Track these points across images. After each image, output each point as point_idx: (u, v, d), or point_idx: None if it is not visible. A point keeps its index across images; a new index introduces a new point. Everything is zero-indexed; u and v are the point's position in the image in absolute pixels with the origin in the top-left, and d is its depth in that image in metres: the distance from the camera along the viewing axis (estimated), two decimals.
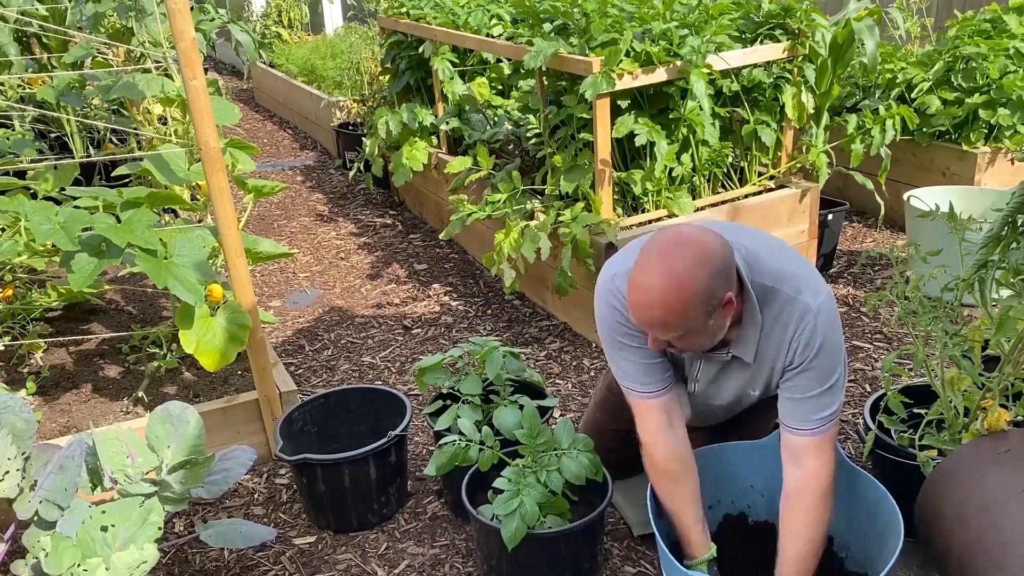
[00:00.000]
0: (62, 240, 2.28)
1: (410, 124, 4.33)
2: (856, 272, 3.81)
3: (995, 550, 1.69)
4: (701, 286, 1.58)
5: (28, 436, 1.96)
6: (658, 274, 1.59)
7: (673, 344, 1.71)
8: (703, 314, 1.62)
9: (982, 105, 3.88)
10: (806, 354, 1.71)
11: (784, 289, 1.72)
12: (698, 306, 1.60)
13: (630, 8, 3.26)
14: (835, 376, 1.74)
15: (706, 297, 1.60)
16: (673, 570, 1.72)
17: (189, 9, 2.15)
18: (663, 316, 1.62)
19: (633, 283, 1.64)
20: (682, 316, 1.61)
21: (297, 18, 9.12)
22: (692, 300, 1.59)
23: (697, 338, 1.70)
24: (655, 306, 1.61)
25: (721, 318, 1.67)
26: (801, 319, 1.70)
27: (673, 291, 1.58)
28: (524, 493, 1.94)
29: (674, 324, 1.63)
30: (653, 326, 1.66)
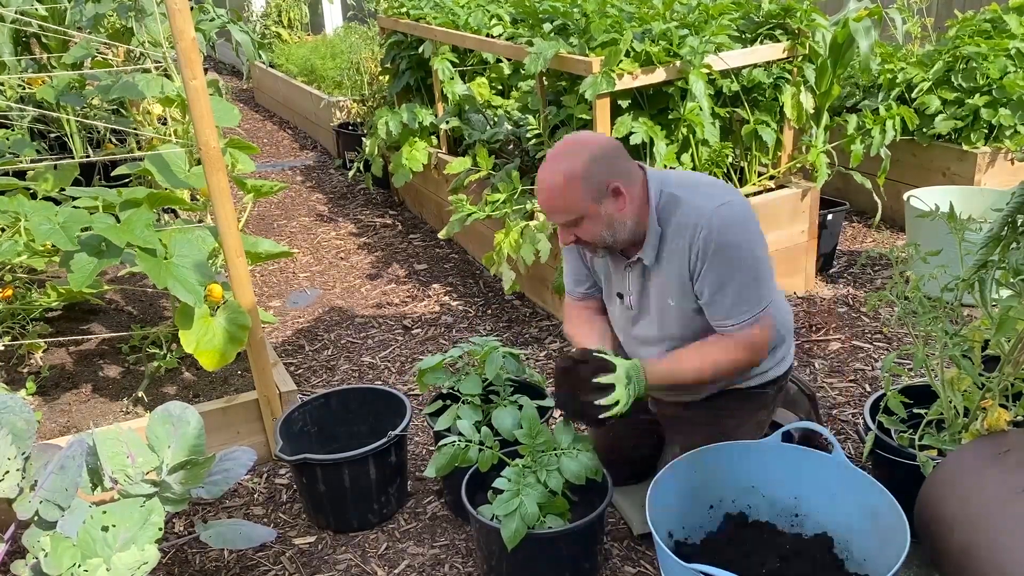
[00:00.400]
0: (62, 240, 2.28)
1: (410, 124, 4.33)
2: (856, 272, 3.81)
3: (995, 551, 1.69)
4: (579, 168, 1.84)
5: (28, 436, 1.96)
6: (547, 167, 1.89)
7: (579, 238, 1.93)
8: (588, 198, 1.86)
9: (984, 105, 3.88)
10: (705, 254, 1.87)
11: (685, 195, 1.92)
12: (578, 187, 1.84)
13: (630, 8, 3.26)
14: (740, 276, 1.87)
15: (585, 178, 1.84)
16: (673, 568, 1.72)
17: (189, 9, 2.15)
18: (550, 199, 1.89)
19: (536, 179, 1.92)
20: (567, 198, 1.86)
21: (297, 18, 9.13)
22: (572, 180, 1.84)
23: (595, 227, 1.90)
24: (546, 192, 1.89)
25: (613, 207, 1.88)
26: (697, 221, 1.88)
27: (555, 175, 1.86)
28: (524, 493, 1.94)
29: (562, 207, 1.88)
30: (550, 212, 1.92)
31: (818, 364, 3.08)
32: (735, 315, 1.91)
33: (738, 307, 1.90)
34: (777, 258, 3.47)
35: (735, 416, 2.15)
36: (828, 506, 1.98)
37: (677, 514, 1.99)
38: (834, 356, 3.13)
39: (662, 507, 1.89)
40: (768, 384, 2.15)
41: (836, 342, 3.22)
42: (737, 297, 1.89)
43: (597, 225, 1.91)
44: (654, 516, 1.81)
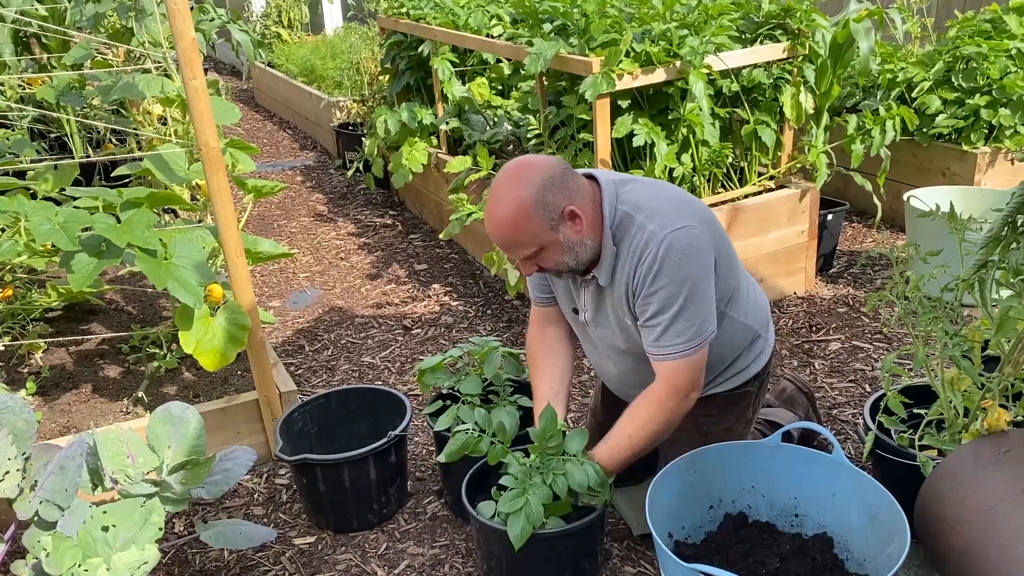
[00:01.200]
0: (62, 240, 2.28)
1: (410, 124, 4.33)
2: (856, 272, 3.81)
3: (995, 551, 1.70)
4: (531, 198, 1.75)
5: (28, 436, 1.96)
6: (494, 202, 1.79)
7: (541, 265, 1.87)
8: (545, 227, 1.78)
9: (984, 105, 3.88)
10: (647, 279, 1.82)
11: (639, 217, 1.85)
12: (534, 218, 1.76)
13: (630, 8, 3.26)
14: (676, 306, 1.81)
15: (539, 208, 1.76)
16: (673, 568, 1.72)
17: (189, 9, 2.15)
18: (506, 235, 1.80)
19: (484, 216, 1.85)
20: (522, 231, 1.78)
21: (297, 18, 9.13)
22: (525, 213, 1.75)
23: (555, 254, 1.83)
24: (498, 229, 1.80)
25: (571, 232, 1.81)
26: (646, 245, 1.82)
27: (507, 210, 1.77)
28: (531, 492, 1.93)
29: (520, 241, 1.80)
30: (506, 247, 1.84)
31: (818, 364, 3.08)
32: (664, 345, 1.86)
33: (668, 338, 1.85)
34: (777, 258, 3.49)
35: (722, 421, 2.15)
36: (828, 506, 1.98)
37: (677, 514, 1.99)
38: (834, 356, 3.13)
39: (662, 507, 1.89)
40: (749, 382, 2.14)
41: (836, 342, 3.22)
42: (669, 327, 1.83)
43: (558, 252, 1.84)
44: (654, 516, 1.81)
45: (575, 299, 2.06)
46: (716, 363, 2.06)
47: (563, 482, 1.95)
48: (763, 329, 2.15)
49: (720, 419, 2.15)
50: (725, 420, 2.15)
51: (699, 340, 1.86)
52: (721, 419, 2.15)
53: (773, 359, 2.23)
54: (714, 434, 2.11)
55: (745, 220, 3.33)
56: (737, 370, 2.12)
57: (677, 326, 1.83)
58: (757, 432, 2.35)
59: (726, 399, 2.14)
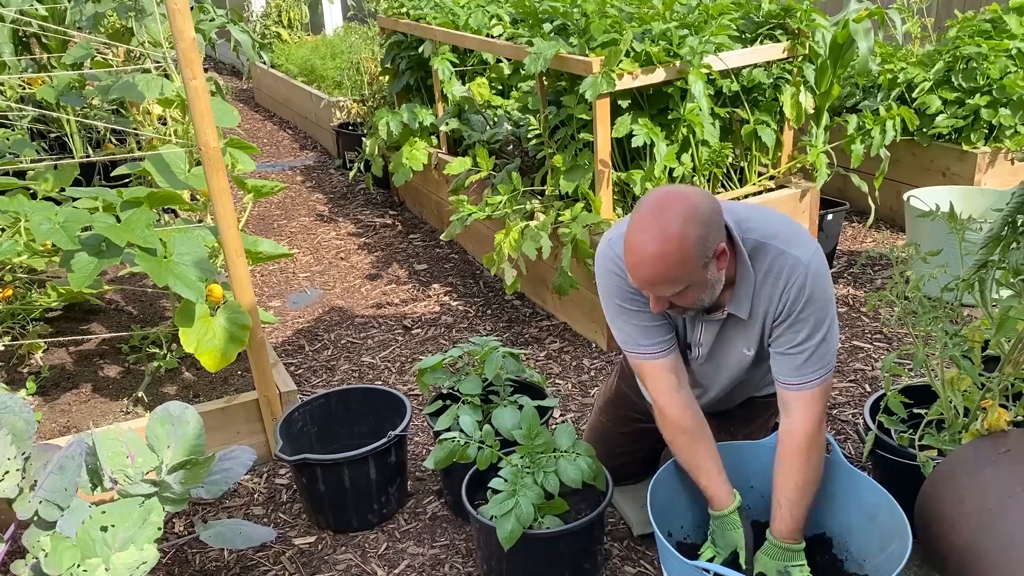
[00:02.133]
0: (62, 240, 2.28)
1: (410, 124, 4.33)
2: (856, 272, 3.81)
3: (994, 550, 1.69)
4: (694, 237, 1.62)
5: (28, 436, 1.96)
6: (652, 232, 1.63)
7: (675, 303, 1.74)
8: (699, 266, 1.66)
9: (984, 105, 3.88)
10: (795, 306, 1.74)
11: (774, 243, 1.76)
12: (694, 257, 1.64)
13: (630, 8, 3.26)
14: (823, 330, 1.76)
15: (700, 247, 1.64)
16: (675, 566, 1.72)
17: (189, 9, 2.15)
18: (662, 272, 1.65)
19: (629, 246, 1.67)
20: (679, 269, 1.64)
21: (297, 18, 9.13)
22: (687, 251, 1.62)
23: (697, 292, 1.72)
24: (653, 264, 1.64)
25: (716, 270, 1.71)
26: (792, 271, 1.73)
27: (668, 245, 1.62)
28: (520, 494, 1.94)
29: (672, 278, 1.66)
30: (654, 284, 1.69)
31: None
32: (805, 372, 1.78)
33: (811, 364, 1.77)
34: None
35: (748, 424, 2.15)
36: (828, 506, 1.97)
37: (677, 514, 1.99)
38: None
39: (662, 506, 1.89)
40: None
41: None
42: (817, 350, 1.77)
43: (700, 291, 1.72)
44: (655, 515, 1.81)
45: (689, 336, 1.95)
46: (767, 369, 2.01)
47: (554, 480, 1.95)
48: None
49: (747, 422, 2.14)
50: (751, 424, 2.15)
51: (834, 363, 1.81)
52: (749, 422, 2.14)
53: None
54: (736, 435, 2.11)
55: None
56: None
57: (822, 350, 1.77)
58: None
59: (759, 404, 2.14)
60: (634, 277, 1.70)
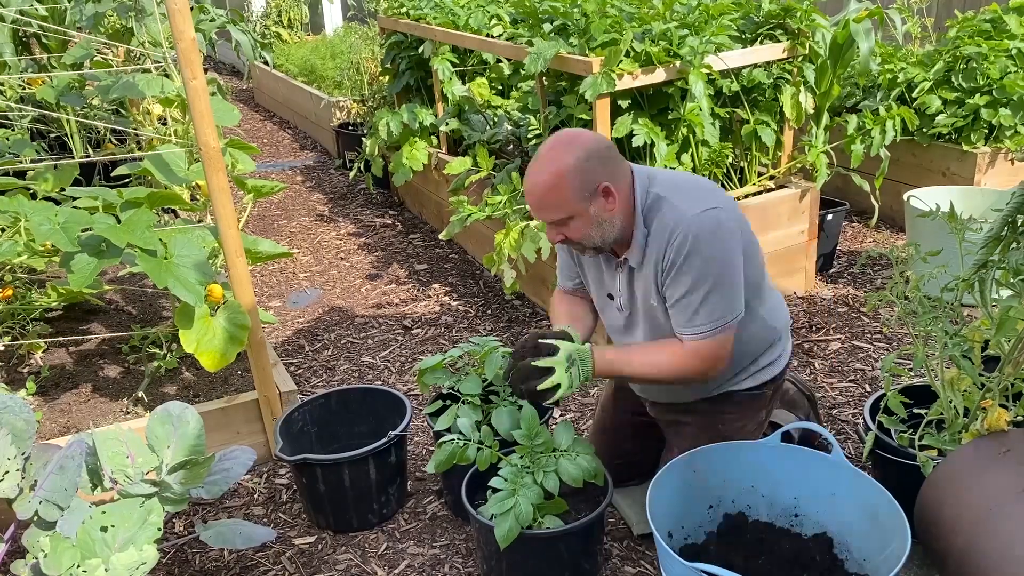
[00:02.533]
0: (62, 240, 2.28)
1: (410, 124, 4.33)
2: (856, 272, 3.81)
3: (995, 550, 1.69)
4: (570, 166, 1.80)
5: (28, 436, 1.96)
6: (536, 164, 1.85)
7: (568, 236, 1.90)
8: (578, 197, 1.83)
9: (984, 105, 3.88)
10: (677, 259, 1.84)
11: (670, 199, 1.89)
12: (569, 187, 1.81)
13: (630, 8, 3.26)
14: (706, 286, 1.84)
15: (576, 176, 1.81)
16: (674, 567, 1.72)
17: (189, 9, 2.15)
18: (540, 196, 1.85)
19: (525, 174, 1.89)
20: (556, 194, 1.82)
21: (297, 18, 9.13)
22: (562, 178, 1.81)
23: (582, 226, 1.87)
24: (533, 189, 1.85)
25: (603, 208, 1.85)
26: (677, 225, 1.84)
27: (546, 173, 1.82)
28: (520, 493, 1.94)
29: (551, 204, 1.84)
30: (538, 209, 1.88)
31: (818, 364, 3.08)
32: (693, 325, 1.88)
33: (698, 317, 1.86)
34: (777, 258, 3.49)
35: (734, 420, 2.15)
36: (828, 506, 1.98)
37: (677, 514, 1.99)
38: (834, 356, 3.13)
39: (662, 507, 1.89)
40: (765, 384, 2.14)
41: (836, 342, 3.22)
42: (699, 308, 1.85)
43: (586, 225, 1.87)
44: (654, 516, 1.81)
45: (609, 285, 2.08)
46: (740, 358, 2.06)
47: (554, 479, 1.95)
48: (783, 332, 2.16)
49: (737, 418, 2.15)
50: (740, 420, 2.15)
51: (728, 319, 1.88)
52: (738, 418, 2.15)
53: (789, 367, 2.23)
54: (726, 432, 2.11)
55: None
56: (758, 368, 2.12)
57: (708, 306, 1.85)
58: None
59: (744, 398, 2.14)
60: (528, 204, 1.91)
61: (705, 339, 1.88)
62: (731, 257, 1.86)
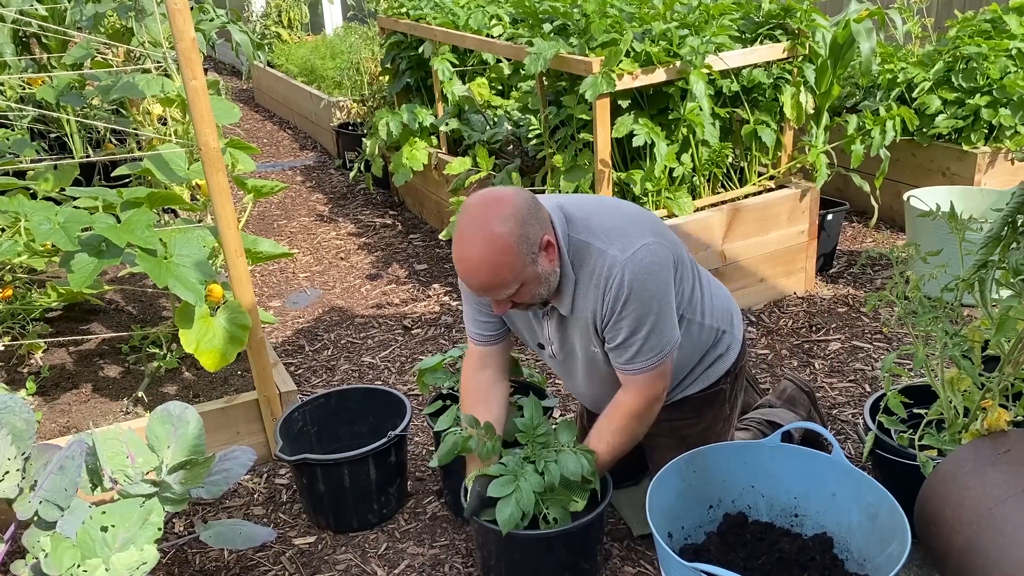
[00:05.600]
0: (62, 240, 2.28)
1: (410, 124, 4.33)
2: (856, 272, 3.81)
3: (994, 550, 1.70)
4: (516, 235, 1.70)
5: (28, 436, 1.96)
6: (475, 242, 1.71)
7: (516, 302, 1.82)
8: (528, 262, 1.73)
9: (985, 105, 3.88)
10: (616, 305, 1.80)
11: (596, 243, 1.81)
12: (520, 256, 1.70)
13: (630, 8, 3.26)
14: (647, 326, 1.82)
15: (523, 245, 1.71)
16: (674, 568, 1.72)
17: (189, 9, 2.15)
18: (492, 277, 1.72)
19: (457, 258, 1.75)
20: (509, 272, 1.71)
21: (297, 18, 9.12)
22: (512, 251, 1.69)
23: (533, 288, 1.78)
24: (481, 271, 1.72)
25: (548, 262, 1.77)
26: (609, 272, 1.79)
27: (489, 249, 1.69)
28: (521, 479, 1.93)
29: (504, 281, 1.73)
30: (489, 290, 1.77)
31: (818, 364, 3.08)
32: (637, 361, 1.87)
33: (640, 355, 1.86)
34: (777, 258, 3.49)
35: (699, 422, 2.14)
36: (828, 506, 1.98)
37: (677, 514, 1.99)
38: (834, 356, 3.13)
39: (662, 507, 1.89)
40: (720, 379, 2.13)
41: (836, 342, 3.22)
42: (642, 346, 1.84)
43: (535, 285, 1.78)
44: (654, 516, 1.81)
45: (539, 334, 2.04)
46: (681, 368, 2.06)
47: (555, 469, 1.95)
48: (727, 325, 2.12)
49: (696, 420, 2.14)
50: (701, 421, 2.14)
51: (667, 350, 1.88)
52: (697, 420, 2.14)
53: (746, 352, 2.21)
54: (692, 436, 2.11)
55: (745, 220, 3.33)
56: (704, 369, 2.10)
57: (649, 344, 1.85)
58: (757, 432, 2.35)
59: (699, 400, 2.13)
60: (470, 287, 1.78)
61: (646, 373, 1.89)
62: (665, 291, 1.84)
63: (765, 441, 2.03)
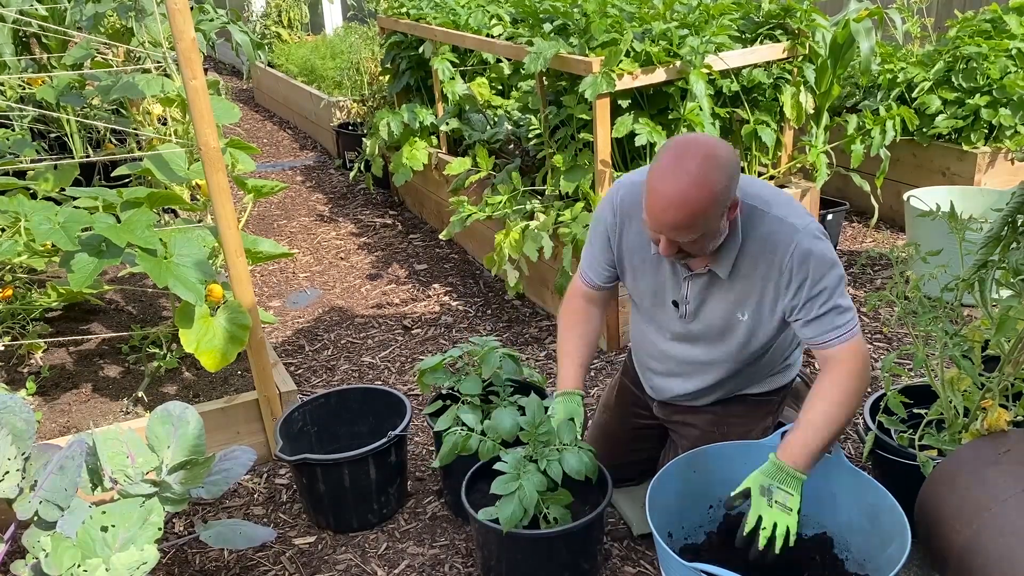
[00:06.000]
0: (62, 240, 2.28)
1: (410, 124, 4.33)
2: (856, 272, 3.81)
3: (994, 550, 1.70)
4: (722, 186, 1.64)
5: (28, 436, 1.96)
6: (677, 177, 1.63)
7: (684, 251, 1.75)
8: (719, 214, 1.67)
9: (984, 105, 3.88)
10: (815, 274, 1.76)
11: (772, 211, 1.79)
12: (717, 205, 1.65)
13: (630, 8, 3.26)
14: (838, 292, 1.78)
15: (723, 196, 1.65)
16: (674, 568, 1.72)
17: (189, 9, 2.15)
18: (685, 217, 1.64)
19: (652, 189, 1.66)
20: (703, 216, 1.65)
21: (297, 18, 9.13)
22: (713, 199, 1.63)
23: (708, 240, 1.73)
24: (678, 207, 1.64)
25: (726, 221, 1.73)
26: (790, 240, 1.76)
27: (695, 191, 1.62)
28: (524, 478, 1.94)
29: (694, 224, 1.66)
30: (676, 229, 1.68)
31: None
32: (842, 326, 1.79)
33: (842, 317, 1.79)
34: None
35: (742, 424, 2.14)
36: (828, 506, 1.97)
37: (677, 514, 1.99)
38: None
39: (662, 507, 1.89)
40: (776, 391, 2.14)
41: None
42: (841, 310, 1.79)
43: (710, 238, 1.73)
44: (654, 516, 1.81)
45: (673, 292, 1.96)
46: (768, 361, 2.05)
47: (557, 468, 1.95)
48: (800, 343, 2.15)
49: (744, 422, 2.13)
50: (747, 424, 2.14)
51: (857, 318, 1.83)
52: (745, 422, 2.14)
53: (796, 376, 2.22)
54: (731, 436, 2.11)
55: None
56: (774, 372, 2.11)
57: (843, 307, 1.79)
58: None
59: (754, 403, 2.13)
60: (657, 221, 1.69)
61: (852, 339, 1.80)
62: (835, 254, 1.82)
63: (765, 441, 2.02)
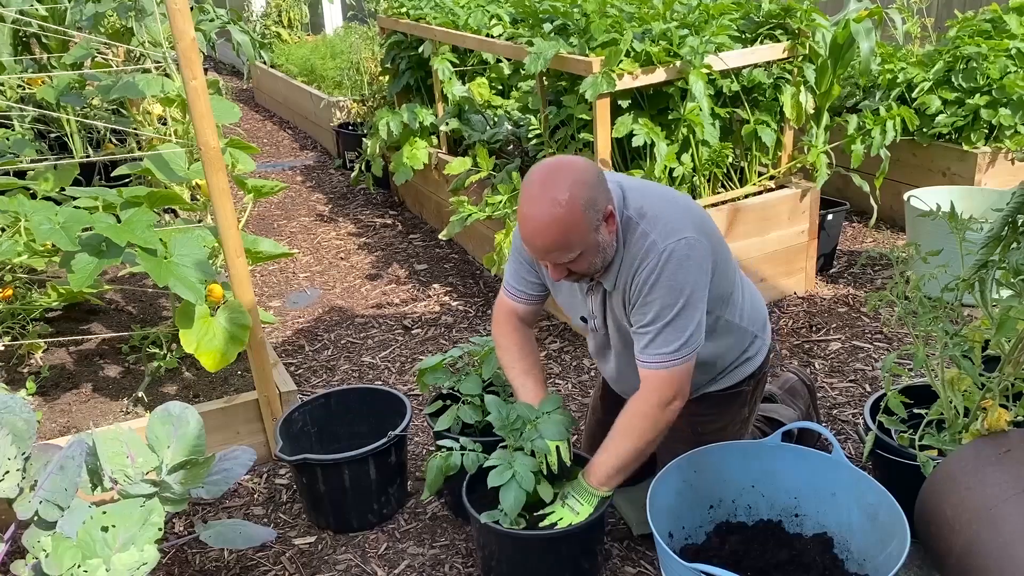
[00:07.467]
0: (62, 240, 2.28)
1: (410, 124, 4.33)
2: (856, 272, 3.81)
3: (995, 550, 1.70)
4: (584, 199, 1.70)
5: (28, 436, 1.96)
6: (542, 202, 1.71)
7: (572, 270, 1.81)
8: (591, 230, 1.74)
9: (984, 105, 3.88)
10: (644, 288, 1.82)
11: (642, 224, 1.84)
12: (585, 221, 1.71)
13: (630, 8, 3.26)
14: (668, 317, 1.81)
15: (591, 210, 1.72)
16: (674, 568, 1.72)
17: (189, 9, 2.15)
18: (555, 237, 1.72)
19: (522, 218, 1.75)
20: (572, 235, 1.72)
21: (297, 18, 9.12)
22: (578, 216, 1.70)
23: (591, 257, 1.79)
24: (545, 230, 1.72)
25: (607, 232, 1.79)
26: (646, 255, 1.81)
27: (558, 212, 1.69)
28: (516, 464, 1.95)
29: (566, 245, 1.73)
30: (550, 252, 1.76)
31: (818, 364, 3.08)
32: (652, 352, 1.84)
33: (659, 345, 1.83)
34: (777, 258, 3.49)
35: (717, 420, 2.15)
36: (828, 506, 1.98)
37: (677, 514, 1.99)
38: (834, 356, 3.13)
39: (662, 507, 1.89)
40: (744, 381, 2.13)
41: (836, 342, 3.22)
42: (660, 335, 1.83)
43: (593, 254, 1.78)
44: (654, 516, 1.81)
45: (582, 307, 2.05)
46: (710, 366, 2.07)
47: (540, 442, 1.98)
48: (760, 330, 2.15)
49: (715, 418, 2.14)
50: (720, 419, 2.15)
51: (687, 352, 1.85)
52: (716, 418, 2.14)
53: (770, 359, 2.23)
54: (709, 434, 2.11)
55: (745, 220, 3.33)
56: (731, 368, 2.12)
57: (666, 335, 1.83)
58: (757, 431, 2.35)
59: (720, 398, 2.14)
60: (532, 248, 1.78)
61: (662, 369, 1.85)
62: (694, 286, 1.82)
63: (765, 441, 2.03)
